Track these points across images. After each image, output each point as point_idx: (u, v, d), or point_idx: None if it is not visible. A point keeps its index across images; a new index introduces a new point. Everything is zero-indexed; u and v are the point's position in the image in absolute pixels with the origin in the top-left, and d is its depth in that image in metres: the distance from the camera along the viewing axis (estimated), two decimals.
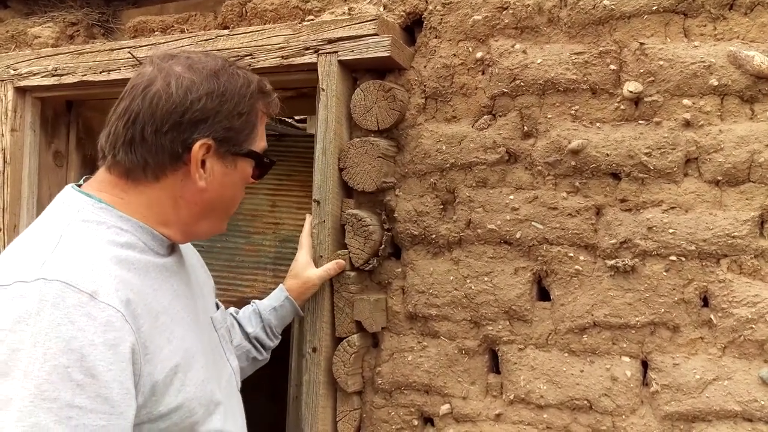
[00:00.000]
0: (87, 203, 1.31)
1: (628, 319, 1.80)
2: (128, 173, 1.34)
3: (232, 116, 1.37)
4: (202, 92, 1.33)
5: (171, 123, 1.31)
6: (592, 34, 1.90)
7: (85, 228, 1.27)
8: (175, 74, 1.33)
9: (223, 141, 1.37)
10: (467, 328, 1.98)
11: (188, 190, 1.37)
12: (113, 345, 1.13)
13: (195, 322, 1.43)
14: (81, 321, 1.11)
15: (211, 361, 1.46)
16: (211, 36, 2.28)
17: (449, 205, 2.03)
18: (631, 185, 1.83)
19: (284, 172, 2.95)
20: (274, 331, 1.95)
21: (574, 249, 1.88)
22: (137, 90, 1.34)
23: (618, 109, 1.86)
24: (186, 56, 1.38)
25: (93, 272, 1.18)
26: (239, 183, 1.45)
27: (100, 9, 2.73)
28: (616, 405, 1.79)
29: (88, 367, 1.10)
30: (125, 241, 1.30)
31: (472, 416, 1.95)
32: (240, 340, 1.89)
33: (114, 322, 1.15)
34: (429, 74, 2.07)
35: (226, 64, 1.40)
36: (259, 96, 1.43)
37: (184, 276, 1.47)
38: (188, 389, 1.31)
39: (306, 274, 1.97)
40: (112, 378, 1.12)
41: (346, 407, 2.06)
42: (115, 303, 1.16)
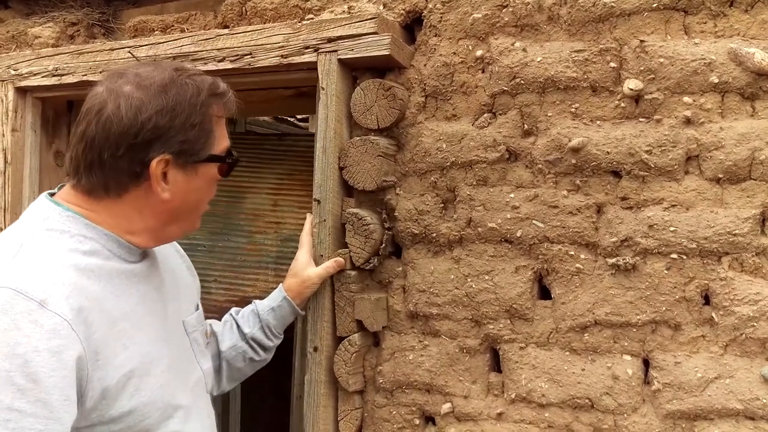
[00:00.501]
0: (55, 212, 1.36)
1: (629, 318, 1.79)
2: (90, 192, 1.38)
3: (186, 128, 1.38)
4: (152, 111, 1.34)
5: (126, 146, 1.33)
6: (592, 31, 1.90)
7: (48, 236, 1.32)
8: (125, 95, 1.35)
9: (181, 153, 1.38)
10: (468, 327, 1.97)
11: (153, 201, 1.39)
12: (57, 352, 1.17)
13: (162, 326, 1.46)
14: (27, 327, 1.15)
15: (177, 365, 1.48)
16: (211, 35, 2.28)
17: (450, 203, 2.03)
18: (632, 183, 1.82)
19: (285, 171, 2.94)
20: (273, 331, 1.95)
21: (574, 247, 1.87)
22: (91, 114, 1.36)
23: (618, 106, 1.85)
24: (135, 72, 1.39)
25: (46, 280, 1.22)
26: (205, 186, 1.48)
27: (101, 9, 2.73)
28: (618, 403, 1.79)
29: (30, 373, 1.13)
30: (88, 248, 1.34)
31: (473, 415, 1.95)
32: (236, 341, 1.90)
33: (60, 330, 1.18)
34: (429, 73, 2.07)
35: (174, 75, 1.40)
36: (211, 101, 1.43)
37: (156, 280, 1.49)
38: (143, 393, 1.34)
39: (305, 273, 1.97)
40: (53, 384, 1.15)
41: (347, 406, 2.06)
42: (64, 311, 1.20)
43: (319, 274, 1.98)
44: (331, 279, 2.03)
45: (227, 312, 2.01)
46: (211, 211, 3.08)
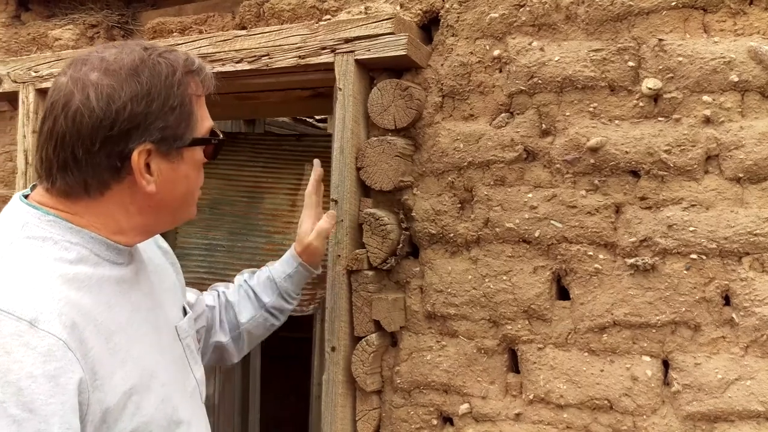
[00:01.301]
0: (33, 216, 1.23)
1: (648, 318, 1.78)
2: (68, 194, 1.24)
3: (164, 113, 1.24)
4: (126, 98, 1.20)
5: (101, 139, 1.19)
6: (610, 30, 1.89)
7: (29, 246, 1.18)
8: (92, 83, 1.20)
9: (162, 141, 1.25)
10: (486, 328, 1.97)
11: (138, 196, 1.27)
12: (54, 377, 1.05)
13: (156, 335, 1.35)
14: (18, 352, 1.03)
15: (174, 376, 1.37)
16: (229, 36, 2.28)
17: (467, 203, 2.02)
18: (651, 183, 1.81)
19: (304, 171, 2.95)
20: (292, 294, 1.90)
21: (593, 247, 1.86)
22: (57, 108, 1.22)
23: (637, 106, 1.84)
24: (100, 57, 1.24)
25: (34, 297, 1.09)
26: (192, 172, 1.34)
27: (120, 11, 2.75)
28: (637, 405, 1.78)
29: (25, 402, 1.01)
30: (75, 256, 1.21)
31: (491, 416, 1.94)
32: (255, 311, 1.85)
33: (55, 352, 1.06)
34: (446, 72, 2.07)
35: (144, 55, 1.25)
36: (188, 79, 1.29)
37: (145, 285, 1.38)
38: (145, 412, 1.22)
39: (307, 240, 1.90)
40: (51, 412, 1.03)
41: (365, 406, 2.06)
42: (57, 330, 1.08)
43: (316, 237, 1.89)
44: (348, 279, 2.04)
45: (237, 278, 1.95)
46: (230, 212, 3.12)
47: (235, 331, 1.83)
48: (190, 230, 3.16)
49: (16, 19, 2.82)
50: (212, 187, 3.10)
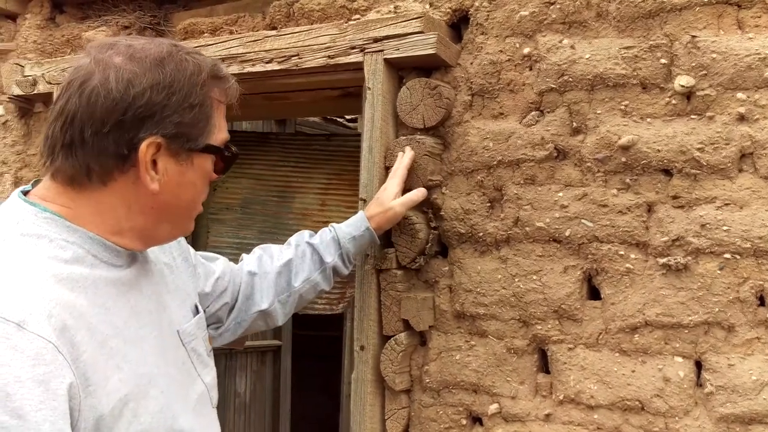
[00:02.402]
0: (29, 213, 1.17)
1: (680, 319, 1.76)
2: (72, 180, 1.19)
3: (183, 109, 1.19)
4: (146, 85, 1.16)
5: (112, 122, 1.15)
6: (642, 27, 1.86)
7: (23, 244, 1.12)
8: (115, 66, 1.16)
9: (175, 137, 1.20)
10: (516, 328, 1.96)
11: (141, 194, 1.21)
12: (43, 381, 0.99)
13: (158, 339, 1.27)
14: (6, 355, 0.98)
15: (176, 382, 1.29)
16: (259, 37, 2.30)
17: (496, 202, 2.01)
18: (684, 182, 1.78)
19: (334, 171, 2.97)
20: (351, 258, 1.90)
21: (624, 247, 1.84)
22: (74, 86, 1.17)
23: (669, 103, 1.82)
24: (127, 44, 1.21)
25: (23, 297, 1.04)
26: (199, 181, 1.28)
27: (152, 12, 2.78)
28: (669, 406, 1.75)
29: (13, 408, 0.96)
30: (70, 255, 1.15)
31: (521, 416, 1.93)
32: (309, 273, 1.82)
33: (44, 355, 1.00)
34: (475, 71, 2.06)
35: (173, 50, 1.22)
36: (212, 83, 1.25)
37: (148, 287, 1.31)
38: (142, 420, 1.15)
39: (390, 203, 1.91)
40: (42, 418, 0.98)
41: (394, 405, 2.06)
42: (46, 332, 1.02)
43: (402, 203, 1.92)
44: (377, 278, 2.04)
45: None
46: (260, 211, 3.14)
47: (284, 294, 1.80)
48: (221, 229, 3.19)
49: (50, 21, 2.87)
50: (243, 186, 3.12)
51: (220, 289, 1.67)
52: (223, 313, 1.70)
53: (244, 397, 4.83)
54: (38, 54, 2.82)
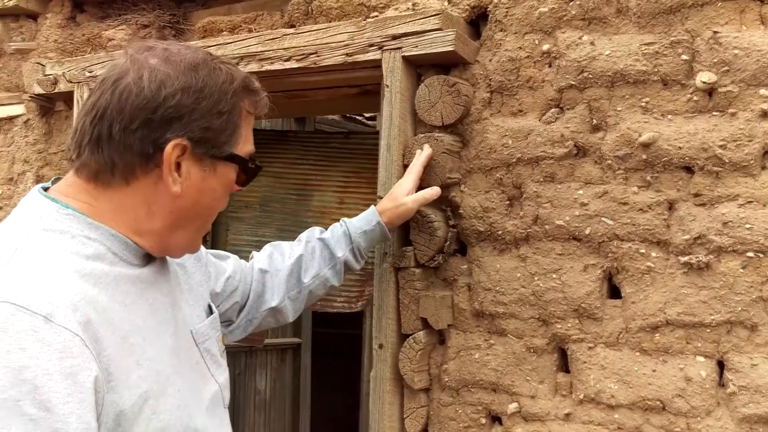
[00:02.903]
0: (51, 209, 1.17)
1: (702, 318, 1.74)
2: (96, 175, 1.20)
3: (211, 115, 1.21)
4: (178, 87, 1.18)
5: (141, 120, 1.17)
6: (663, 23, 1.84)
7: (46, 238, 1.13)
8: (149, 67, 1.19)
9: (201, 142, 1.21)
10: (535, 326, 1.95)
11: (162, 195, 1.22)
12: (71, 374, 1.00)
13: (173, 338, 1.28)
14: (34, 348, 0.99)
15: (190, 381, 1.30)
16: (277, 35, 2.30)
17: (516, 200, 2.00)
18: (705, 179, 1.76)
19: (352, 169, 2.96)
20: (362, 253, 1.90)
21: (645, 245, 1.82)
22: (107, 83, 1.19)
23: (690, 100, 1.80)
24: (164, 47, 1.24)
25: (49, 291, 1.04)
26: (220, 190, 1.29)
27: (172, 11, 2.79)
28: (691, 406, 1.74)
29: (41, 400, 0.97)
30: (92, 252, 1.16)
31: (540, 415, 1.92)
32: (319, 269, 1.83)
33: (72, 348, 1.01)
34: (494, 68, 2.05)
35: (208, 58, 1.25)
36: (243, 94, 1.27)
37: (165, 286, 1.32)
38: (161, 417, 1.16)
39: (403, 199, 1.91)
40: (69, 411, 0.98)
41: (413, 404, 2.05)
42: (73, 326, 1.03)
43: (415, 200, 1.92)
44: (395, 276, 2.03)
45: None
46: (279, 209, 3.14)
47: (294, 291, 1.80)
48: (240, 227, 3.20)
49: (71, 20, 2.89)
50: (262, 185, 3.12)
51: (230, 289, 1.67)
52: (233, 311, 1.70)
53: (264, 394, 4.84)
54: (59, 53, 2.84)
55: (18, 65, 2.98)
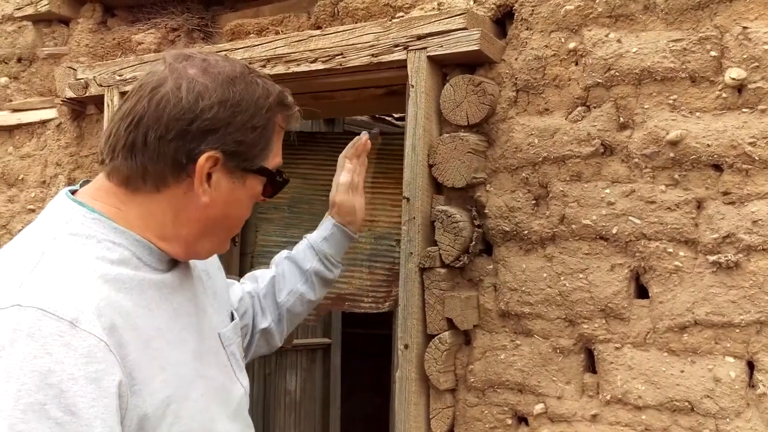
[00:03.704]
0: (78, 213, 1.19)
1: (731, 318, 1.71)
2: (128, 181, 1.22)
3: (246, 129, 1.23)
4: (215, 100, 1.19)
5: (177, 130, 1.18)
6: (691, 19, 1.82)
7: (72, 243, 1.15)
8: (188, 77, 1.20)
9: (233, 155, 1.23)
10: (562, 327, 1.93)
11: (191, 204, 1.23)
12: (96, 379, 1.02)
13: (198, 342, 1.29)
14: (59, 352, 1.00)
15: (216, 385, 1.32)
16: (304, 36, 2.31)
17: (542, 200, 1.99)
18: (734, 177, 1.74)
19: (379, 169, 2.97)
20: (332, 260, 1.84)
21: (673, 244, 1.80)
22: (145, 90, 1.20)
23: (719, 97, 1.77)
24: (202, 58, 1.25)
25: (75, 296, 1.06)
26: (246, 201, 1.31)
27: (200, 14, 2.82)
28: (720, 407, 1.71)
29: (67, 404, 0.98)
30: (117, 256, 1.17)
31: (567, 416, 1.90)
32: (293, 285, 1.79)
33: (96, 353, 1.03)
34: (520, 66, 2.04)
35: (245, 71, 1.26)
36: (278, 109, 1.28)
37: (189, 291, 1.33)
38: (184, 422, 1.17)
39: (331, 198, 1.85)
40: (94, 415, 1.00)
41: (439, 405, 2.05)
42: (98, 331, 1.04)
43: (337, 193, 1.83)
44: (420, 277, 2.03)
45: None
46: (307, 210, 3.16)
47: (276, 313, 1.78)
48: (270, 228, 3.22)
49: (102, 24, 2.93)
50: (291, 186, 3.13)
51: (242, 310, 1.68)
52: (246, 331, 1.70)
53: (294, 395, 4.86)
54: (90, 57, 2.88)
55: (50, 70, 3.04)
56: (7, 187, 3.15)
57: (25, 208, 3.03)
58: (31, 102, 3.12)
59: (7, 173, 3.15)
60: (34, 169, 3.05)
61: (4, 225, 3.10)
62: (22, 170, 3.10)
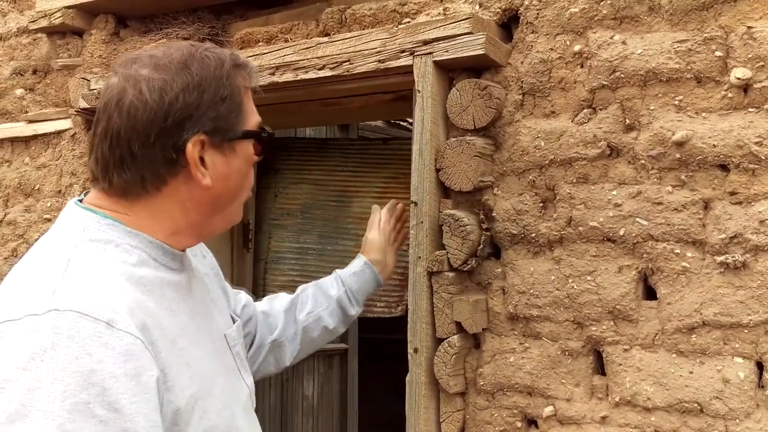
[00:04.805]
0: (92, 220, 1.22)
1: (740, 318, 1.71)
2: (127, 193, 1.24)
3: (216, 103, 1.24)
4: (177, 89, 1.21)
5: (156, 132, 1.20)
6: (696, 20, 1.82)
7: (94, 248, 1.18)
8: (144, 78, 1.21)
9: (215, 131, 1.24)
10: (570, 329, 1.93)
11: (194, 191, 1.26)
12: (135, 375, 1.05)
13: (211, 342, 1.34)
14: (99, 352, 1.03)
15: (229, 383, 1.36)
16: (312, 44, 2.32)
17: (549, 202, 1.99)
18: (741, 177, 1.73)
19: (390, 174, 2.98)
20: (356, 296, 1.95)
21: (680, 245, 1.80)
22: (110, 107, 1.22)
23: (725, 97, 1.77)
24: (149, 54, 1.26)
25: (107, 298, 1.09)
26: (244, 167, 1.32)
27: (211, 23, 2.84)
28: (729, 408, 1.70)
29: (110, 402, 1.01)
30: (136, 259, 1.21)
31: (576, 418, 1.90)
32: (313, 307, 1.87)
33: (134, 351, 1.07)
34: (526, 70, 2.04)
35: (193, 50, 1.27)
36: (235, 72, 1.29)
37: (198, 293, 1.37)
38: (210, 416, 1.22)
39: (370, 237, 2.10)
40: (136, 410, 1.04)
41: (449, 408, 2.05)
42: (133, 329, 1.08)
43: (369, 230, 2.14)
44: (429, 280, 2.03)
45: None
46: (320, 216, 3.17)
47: (292, 329, 1.83)
48: (282, 234, 3.24)
49: (115, 35, 2.95)
50: (303, 192, 3.16)
51: (246, 317, 1.72)
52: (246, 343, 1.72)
53: (312, 400, 4.87)
54: (103, 68, 2.91)
55: (65, 81, 3.07)
56: (24, 197, 3.19)
57: (41, 217, 3.07)
58: (47, 113, 3.15)
59: (24, 183, 3.19)
60: (49, 179, 3.09)
61: (21, 234, 3.14)
62: (38, 180, 3.14)
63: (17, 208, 3.20)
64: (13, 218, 3.20)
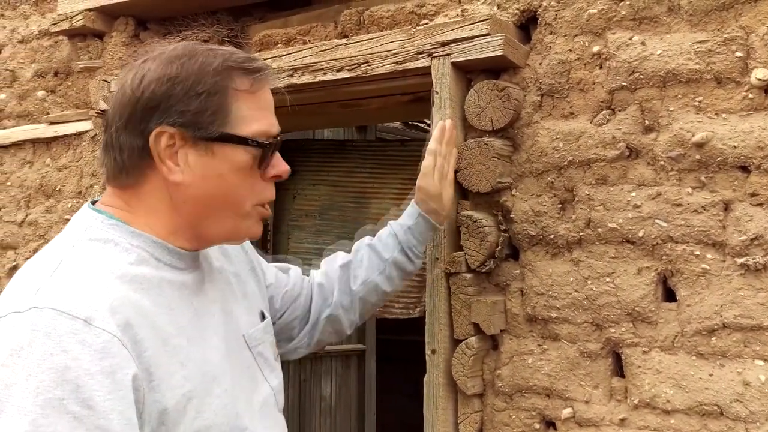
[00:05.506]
0: (97, 220, 1.24)
1: (761, 321, 1.69)
2: (113, 177, 1.27)
3: (188, 98, 1.21)
4: (153, 78, 1.21)
5: (126, 116, 1.22)
6: (716, 20, 1.81)
7: (91, 248, 1.19)
8: (137, 68, 1.24)
9: (185, 126, 1.22)
10: (589, 331, 1.92)
11: (172, 188, 1.25)
12: (110, 372, 1.05)
13: (221, 342, 1.31)
14: (75, 349, 1.03)
15: (240, 383, 1.33)
16: (330, 46, 2.33)
17: (568, 204, 1.98)
18: (762, 178, 1.72)
19: (408, 176, 2.99)
20: (414, 251, 1.84)
21: (700, 247, 1.79)
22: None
23: (746, 98, 1.76)
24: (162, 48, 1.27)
25: (89, 296, 1.09)
26: (229, 174, 1.26)
27: (230, 26, 2.86)
28: (750, 411, 1.69)
29: (84, 398, 1.01)
30: (135, 258, 1.21)
31: (595, 421, 1.90)
32: (367, 275, 1.79)
33: (110, 348, 1.06)
34: (544, 71, 2.04)
35: (195, 48, 1.25)
36: (232, 73, 1.25)
37: (213, 293, 1.35)
38: (206, 416, 1.20)
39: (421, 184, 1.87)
40: (110, 408, 1.03)
41: (466, 409, 2.05)
42: (111, 328, 1.07)
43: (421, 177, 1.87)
44: (446, 282, 2.03)
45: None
46: (338, 217, 3.19)
47: (346, 300, 1.78)
48: (301, 235, 3.26)
49: (135, 38, 2.98)
50: (322, 193, 3.18)
51: (289, 301, 1.70)
52: (294, 326, 1.72)
53: (330, 400, 4.89)
54: None
55: (85, 83, 3.10)
56: (45, 198, 3.22)
57: (62, 218, 3.10)
58: (68, 114, 3.19)
59: (45, 184, 3.22)
60: (70, 180, 3.12)
61: (42, 235, 3.17)
62: (59, 181, 3.17)
63: (38, 209, 3.24)
64: (34, 219, 3.23)
